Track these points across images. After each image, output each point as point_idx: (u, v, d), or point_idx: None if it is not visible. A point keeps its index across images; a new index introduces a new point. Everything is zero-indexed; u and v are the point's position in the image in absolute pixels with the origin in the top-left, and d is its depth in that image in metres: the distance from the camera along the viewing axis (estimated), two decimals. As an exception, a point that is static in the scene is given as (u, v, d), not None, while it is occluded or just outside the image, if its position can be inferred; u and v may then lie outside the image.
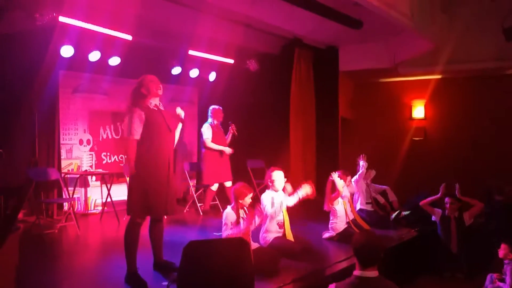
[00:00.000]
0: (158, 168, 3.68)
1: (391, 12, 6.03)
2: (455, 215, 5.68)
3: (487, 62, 8.07)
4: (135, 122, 3.61)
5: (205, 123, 6.79)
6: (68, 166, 6.73)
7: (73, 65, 6.44)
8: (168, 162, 3.75)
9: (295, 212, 4.93)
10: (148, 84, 3.73)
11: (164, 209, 3.76)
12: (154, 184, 3.64)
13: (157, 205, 3.68)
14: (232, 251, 3.28)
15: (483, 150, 8.72)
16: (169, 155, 3.77)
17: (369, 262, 2.70)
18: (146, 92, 3.72)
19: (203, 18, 6.52)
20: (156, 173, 3.67)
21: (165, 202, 3.72)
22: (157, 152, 3.68)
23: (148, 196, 3.61)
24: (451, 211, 5.69)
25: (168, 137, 3.81)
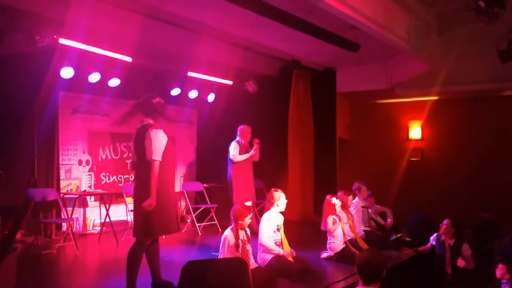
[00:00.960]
0: (169, 189, 3.75)
1: (388, 35, 6.16)
2: (450, 243, 5.51)
3: (483, 84, 8.18)
4: (162, 143, 3.65)
5: (233, 141, 6.68)
6: (67, 187, 6.74)
7: (73, 86, 6.52)
8: (172, 183, 3.83)
9: (294, 232, 4.92)
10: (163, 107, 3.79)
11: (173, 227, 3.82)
12: (165, 205, 3.67)
13: (164, 226, 3.73)
14: (230, 271, 3.28)
15: (480, 170, 8.77)
16: (173, 176, 3.82)
17: (372, 279, 2.76)
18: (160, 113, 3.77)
19: (203, 40, 6.64)
20: (167, 194, 3.72)
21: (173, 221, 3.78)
22: (168, 174, 3.74)
23: (155, 218, 3.62)
24: (446, 235, 5.53)
25: (173, 159, 3.87)
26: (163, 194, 3.69)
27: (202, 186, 7.73)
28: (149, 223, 3.60)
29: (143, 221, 3.60)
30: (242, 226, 4.10)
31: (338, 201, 5.34)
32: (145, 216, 3.61)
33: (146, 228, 3.62)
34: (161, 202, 3.67)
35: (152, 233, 3.70)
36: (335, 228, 5.25)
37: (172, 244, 6.04)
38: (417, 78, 8.41)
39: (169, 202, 3.79)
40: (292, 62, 8.12)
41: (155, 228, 3.66)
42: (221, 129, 8.56)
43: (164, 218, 3.72)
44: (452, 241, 5.51)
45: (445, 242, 5.55)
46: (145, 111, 3.75)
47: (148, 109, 3.74)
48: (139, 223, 3.62)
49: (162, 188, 3.68)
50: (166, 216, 3.74)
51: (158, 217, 3.65)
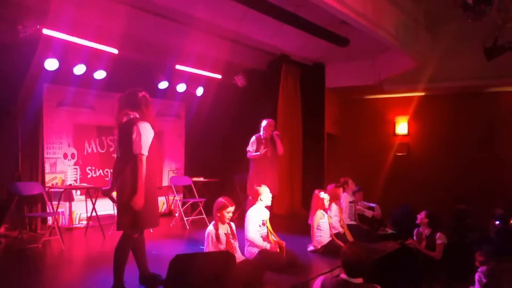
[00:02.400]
0: (152, 184, 3.72)
1: (377, 30, 6.19)
2: (426, 233, 5.67)
3: (469, 80, 8.30)
4: (149, 138, 3.61)
5: (254, 135, 6.41)
6: (52, 180, 6.64)
7: (58, 79, 6.40)
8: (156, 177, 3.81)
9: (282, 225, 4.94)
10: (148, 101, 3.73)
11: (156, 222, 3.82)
12: (149, 199, 3.64)
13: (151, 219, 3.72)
14: (218, 265, 3.28)
15: (464, 165, 8.91)
16: (158, 171, 3.80)
17: (356, 274, 2.80)
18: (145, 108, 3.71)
19: (191, 33, 6.58)
20: (151, 189, 3.69)
21: (157, 214, 3.79)
22: (152, 169, 3.70)
23: (143, 212, 3.59)
24: (422, 225, 5.71)
25: (159, 153, 3.86)
26: (150, 187, 3.67)
27: (190, 180, 7.69)
28: (138, 216, 3.57)
29: (132, 214, 3.56)
30: (222, 219, 4.05)
31: (326, 195, 5.37)
32: (126, 210, 3.58)
33: (135, 221, 3.59)
34: (149, 196, 3.65)
35: (141, 226, 3.68)
36: (316, 222, 5.29)
37: (160, 238, 6.01)
38: (404, 74, 8.50)
39: (155, 195, 3.81)
40: (281, 56, 8.12)
41: (144, 221, 3.64)
42: (210, 123, 8.54)
43: (152, 211, 3.71)
44: (429, 231, 5.67)
45: (422, 233, 5.70)
46: (131, 105, 3.70)
47: (133, 103, 3.69)
48: (128, 217, 3.58)
49: (149, 182, 3.66)
50: (153, 209, 3.74)
51: (146, 211, 3.62)
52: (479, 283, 4.68)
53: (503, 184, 8.38)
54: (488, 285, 4.61)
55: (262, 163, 6.27)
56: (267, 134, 6.37)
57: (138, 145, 3.54)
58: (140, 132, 3.55)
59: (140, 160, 3.54)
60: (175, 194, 7.59)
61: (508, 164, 8.59)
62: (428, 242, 5.64)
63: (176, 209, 7.80)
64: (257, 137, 6.37)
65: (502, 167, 8.60)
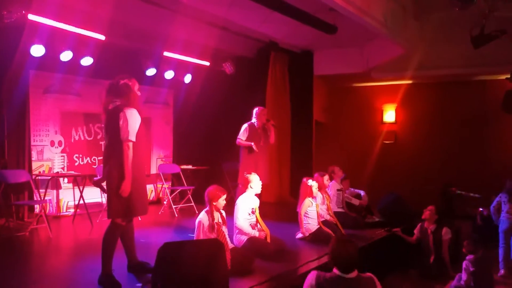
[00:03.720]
0: (140, 171, 3.72)
1: (365, 18, 6.17)
2: (432, 229, 5.71)
3: (456, 69, 8.35)
4: (137, 123, 3.59)
5: (245, 123, 6.34)
6: (39, 168, 6.58)
7: (44, 65, 6.31)
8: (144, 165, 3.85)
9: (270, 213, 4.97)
10: (136, 92, 3.70)
11: (145, 209, 3.81)
12: (137, 186, 3.64)
13: (140, 206, 3.71)
14: (207, 252, 3.29)
15: (450, 153, 9.03)
16: (145, 158, 3.79)
17: (350, 269, 2.79)
18: (137, 96, 3.70)
19: (179, 19, 6.51)
20: (140, 176, 3.69)
21: (143, 203, 3.76)
22: (141, 155, 3.70)
23: (132, 199, 3.59)
24: (428, 221, 5.74)
25: (146, 141, 3.84)
26: (138, 175, 3.67)
27: (178, 168, 7.68)
28: (126, 204, 3.57)
29: (121, 202, 3.56)
30: (216, 208, 4.08)
31: (314, 183, 5.41)
32: (113, 197, 3.58)
33: (124, 209, 3.58)
34: (137, 183, 3.65)
35: (131, 213, 3.68)
36: (304, 209, 5.34)
37: (149, 226, 6.02)
38: (392, 62, 8.51)
39: (143, 183, 3.82)
40: (270, 44, 8.08)
41: (133, 208, 3.64)
42: (198, 110, 8.50)
43: (141, 199, 3.72)
44: (433, 226, 5.70)
45: (427, 228, 5.73)
46: (115, 93, 3.69)
47: (117, 91, 3.68)
48: (116, 204, 3.58)
49: (138, 169, 3.66)
50: (142, 196, 3.75)
51: (136, 198, 3.62)
52: (466, 271, 4.77)
53: (490, 172, 8.51)
54: (475, 273, 4.70)
55: (254, 152, 6.27)
56: (260, 122, 6.33)
57: (125, 132, 3.52)
58: (127, 118, 3.53)
59: (127, 146, 3.53)
60: (163, 182, 7.58)
61: (495, 152, 8.72)
62: (435, 237, 5.65)
63: (164, 197, 7.81)
64: (249, 125, 6.31)
65: (490, 154, 8.73)
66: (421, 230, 5.83)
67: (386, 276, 5.45)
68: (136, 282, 3.70)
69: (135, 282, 3.70)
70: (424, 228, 5.79)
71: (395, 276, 5.59)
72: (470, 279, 4.69)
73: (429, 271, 5.54)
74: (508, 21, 6.20)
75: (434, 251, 5.64)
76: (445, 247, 5.60)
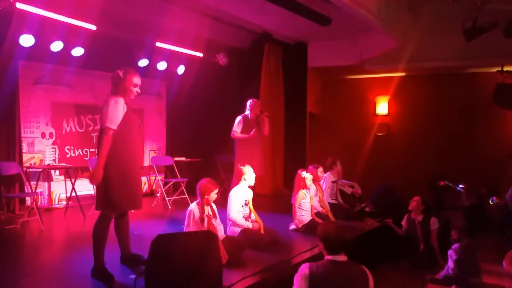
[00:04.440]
0: (132, 163, 3.65)
1: (359, 9, 6.15)
2: (419, 219, 5.75)
3: (448, 61, 8.38)
4: (118, 111, 3.49)
5: (239, 116, 6.36)
6: (30, 160, 6.52)
7: (34, 55, 6.22)
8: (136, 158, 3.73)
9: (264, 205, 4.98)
10: (132, 84, 3.63)
11: (138, 203, 3.75)
12: (128, 179, 3.59)
13: (129, 201, 3.64)
14: (200, 244, 3.29)
15: (443, 145, 9.09)
16: (137, 151, 3.73)
17: (336, 249, 2.86)
18: (128, 88, 3.62)
19: (172, 9, 6.43)
20: (130, 168, 3.63)
21: (134, 196, 3.69)
22: (128, 148, 3.62)
23: (122, 191, 3.55)
24: (415, 211, 5.77)
25: (138, 133, 3.76)
26: (127, 168, 3.59)
27: (172, 160, 7.65)
28: (111, 196, 3.52)
29: (105, 194, 3.52)
30: (207, 201, 4.09)
31: (309, 175, 5.42)
32: (107, 189, 3.53)
33: (108, 201, 3.54)
34: (126, 177, 3.58)
35: (116, 207, 3.61)
36: (298, 201, 5.36)
37: (142, 218, 5.99)
38: (385, 54, 8.52)
39: (133, 176, 3.69)
40: (264, 35, 8.03)
41: (121, 202, 3.58)
42: (191, 102, 8.45)
43: (130, 193, 3.63)
44: (421, 217, 5.73)
45: (414, 219, 5.77)
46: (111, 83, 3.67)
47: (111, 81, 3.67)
48: (101, 196, 3.55)
49: (126, 162, 3.58)
50: (132, 190, 3.65)
51: (124, 192, 3.57)
52: (451, 259, 4.84)
53: (482, 163, 8.59)
54: (461, 261, 4.77)
55: (249, 143, 6.28)
56: (253, 114, 6.35)
57: (105, 118, 3.48)
58: (108, 105, 3.49)
59: (105, 133, 3.46)
60: (156, 174, 7.55)
61: (487, 144, 8.79)
62: (423, 228, 5.69)
63: (158, 189, 7.78)
64: (243, 118, 6.32)
65: (481, 146, 8.80)
66: (408, 221, 5.88)
67: (378, 266, 5.51)
68: (130, 274, 3.69)
69: (128, 274, 3.68)
70: (411, 219, 5.84)
71: (387, 266, 5.64)
72: (456, 267, 4.76)
73: (419, 261, 5.59)
74: (500, 14, 6.22)
75: (423, 241, 5.69)
76: (434, 237, 5.66)
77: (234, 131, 6.28)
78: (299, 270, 2.86)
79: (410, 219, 5.85)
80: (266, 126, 6.36)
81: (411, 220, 5.82)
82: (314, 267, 2.81)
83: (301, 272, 2.82)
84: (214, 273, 3.28)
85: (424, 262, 5.56)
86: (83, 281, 3.56)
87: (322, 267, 2.81)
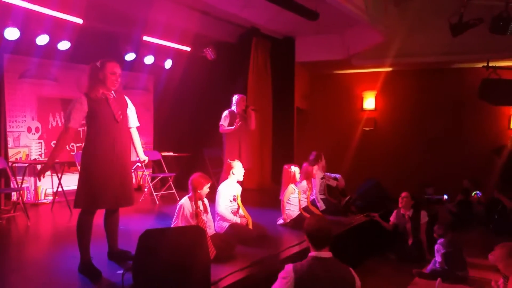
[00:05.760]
0: (103, 159, 3.53)
1: (346, 4, 6.18)
2: (409, 214, 5.81)
3: (435, 56, 8.46)
4: (74, 110, 3.50)
5: (226, 110, 6.46)
6: (16, 155, 6.44)
7: (19, 49, 6.13)
8: (116, 153, 3.58)
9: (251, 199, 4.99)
10: (107, 74, 3.56)
11: (115, 201, 3.63)
12: (99, 176, 3.50)
13: (109, 198, 3.56)
14: (188, 239, 3.29)
15: (430, 139, 9.20)
16: (116, 146, 3.57)
17: (321, 243, 2.87)
18: (102, 78, 3.56)
19: (159, 2, 6.39)
20: (102, 165, 3.52)
21: (115, 193, 3.59)
22: (102, 143, 3.54)
23: (94, 188, 3.49)
24: (405, 207, 5.83)
25: (114, 127, 3.61)
26: (105, 163, 3.52)
27: (159, 154, 7.62)
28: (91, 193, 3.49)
29: (81, 189, 3.51)
30: (200, 196, 4.09)
31: (296, 168, 5.45)
32: (82, 184, 3.52)
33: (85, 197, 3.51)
34: (105, 173, 3.51)
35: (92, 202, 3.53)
36: (287, 196, 5.38)
37: (129, 213, 5.96)
38: (372, 49, 8.58)
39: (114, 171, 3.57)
40: (252, 29, 8.02)
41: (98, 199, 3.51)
42: (179, 96, 8.41)
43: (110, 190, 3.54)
44: (411, 212, 5.82)
45: (404, 214, 5.84)
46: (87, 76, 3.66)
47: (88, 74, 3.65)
48: (78, 192, 3.53)
49: (103, 157, 3.52)
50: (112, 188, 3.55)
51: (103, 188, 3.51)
52: (438, 253, 4.93)
53: (468, 158, 8.72)
54: (447, 255, 4.86)
55: (236, 137, 6.33)
56: (239, 109, 6.42)
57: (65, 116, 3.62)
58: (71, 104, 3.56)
59: (62, 130, 3.58)
60: (144, 169, 7.51)
61: (473, 138, 8.93)
62: (413, 223, 5.75)
63: (145, 184, 7.75)
64: (230, 112, 6.41)
65: (467, 140, 8.94)
66: (397, 216, 5.93)
67: (365, 260, 5.59)
68: (117, 269, 3.68)
69: (116, 269, 3.67)
70: (400, 214, 5.90)
71: (374, 260, 5.72)
72: (443, 261, 4.85)
73: (407, 254, 5.67)
74: (486, 10, 6.29)
75: (412, 236, 5.76)
76: (423, 230, 5.74)
77: (221, 124, 6.35)
78: (282, 272, 2.82)
79: (399, 214, 5.91)
80: (253, 120, 6.41)
81: (401, 215, 5.88)
82: (298, 267, 2.80)
83: (285, 275, 2.78)
84: (202, 268, 3.29)
85: (411, 255, 5.65)
86: (70, 277, 3.54)
87: (306, 265, 2.81)
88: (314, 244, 2.88)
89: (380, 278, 5.13)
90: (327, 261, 2.84)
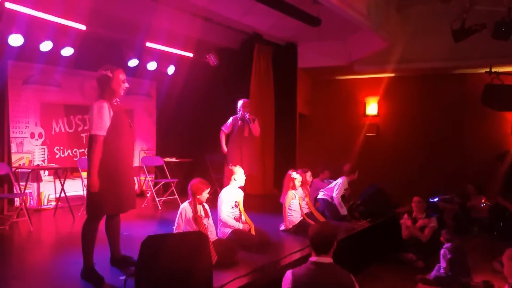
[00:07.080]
0: (121, 165, 3.60)
1: (348, 10, 6.19)
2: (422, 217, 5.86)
3: (437, 62, 8.46)
4: (103, 116, 3.45)
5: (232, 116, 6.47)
6: (19, 161, 6.46)
7: (23, 55, 6.18)
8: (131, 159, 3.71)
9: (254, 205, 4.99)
10: (120, 83, 3.61)
11: (130, 204, 3.72)
12: (117, 181, 3.55)
13: (119, 202, 3.61)
14: (190, 245, 3.29)
15: (432, 145, 9.18)
16: (131, 152, 3.69)
17: (320, 249, 2.88)
18: (115, 88, 3.59)
19: (162, 9, 6.43)
20: (120, 170, 3.58)
21: (129, 198, 3.68)
22: (122, 150, 3.60)
23: (110, 193, 3.51)
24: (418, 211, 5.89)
25: (129, 134, 3.70)
26: (116, 170, 3.55)
27: (162, 160, 7.64)
28: (99, 199, 3.50)
29: (93, 196, 3.51)
30: (200, 201, 4.10)
31: (298, 176, 5.45)
32: (105, 191, 3.50)
33: (95, 204, 3.52)
34: (113, 178, 3.54)
35: (103, 209, 3.58)
36: (288, 202, 5.37)
37: (132, 219, 5.96)
38: (375, 55, 8.58)
39: (123, 178, 3.63)
40: (254, 35, 8.05)
41: (105, 204, 3.54)
42: (182, 102, 8.44)
43: (117, 195, 3.58)
44: (423, 216, 5.87)
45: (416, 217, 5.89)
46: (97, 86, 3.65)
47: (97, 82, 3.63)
48: (88, 198, 3.54)
49: (115, 164, 3.55)
50: (119, 192, 3.59)
51: (109, 193, 3.52)
52: (444, 258, 4.90)
53: (471, 163, 8.68)
54: (453, 260, 4.84)
55: (237, 143, 6.33)
56: (243, 113, 6.39)
57: (92, 125, 3.46)
58: (93, 112, 3.46)
59: (94, 140, 3.44)
60: (146, 175, 7.53)
61: (475, 144, 8.90)
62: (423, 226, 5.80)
63: (147, 189, 7.76)
64: (234, 119, 6.40)
65: (469, 146, 8.91)
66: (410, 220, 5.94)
67: (369, 266, 5.55)
68: (120, 275, 3.67)
69: (119, 275, 3.67)
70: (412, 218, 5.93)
71: (378, 267, 5.68)
72: (448, 267, 4.82)
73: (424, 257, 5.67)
74: (488, 15, 6.30)
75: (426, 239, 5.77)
76: (429, 233, 5.73)
77: (222, 129, 6.40)
78: (283, 278, 2.86)
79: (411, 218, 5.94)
80: (257, 126, 6.38)
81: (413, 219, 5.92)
82: (296, 271, 2.83)
83: (285, 281, 2.82)
84: (205, 274, 3.28)
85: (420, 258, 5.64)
86: (72, 282, 3.54)
87: (304, 269, 2.83)
88: (314, 249, 2.90)
89: (383, 284, 5.10)
90: (325, 266, 2.84)
